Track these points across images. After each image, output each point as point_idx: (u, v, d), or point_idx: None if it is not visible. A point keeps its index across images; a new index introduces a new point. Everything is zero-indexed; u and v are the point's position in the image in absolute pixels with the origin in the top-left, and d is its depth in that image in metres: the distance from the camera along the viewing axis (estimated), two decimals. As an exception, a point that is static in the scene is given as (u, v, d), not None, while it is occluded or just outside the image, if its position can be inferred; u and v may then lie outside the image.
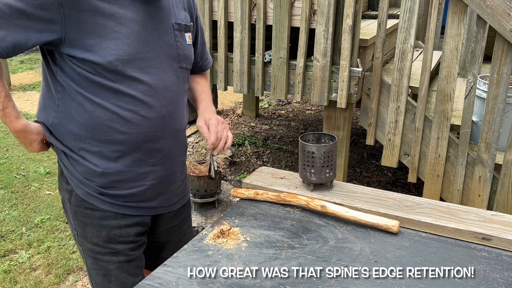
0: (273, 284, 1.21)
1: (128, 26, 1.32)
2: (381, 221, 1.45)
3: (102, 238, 1.48)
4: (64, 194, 1.50)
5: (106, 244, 1.49)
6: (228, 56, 3.02)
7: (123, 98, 1.36)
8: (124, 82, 1.34)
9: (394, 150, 2.75)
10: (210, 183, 2.11)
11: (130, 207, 1.49)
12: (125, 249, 1.51)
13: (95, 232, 1.48)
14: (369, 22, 3.53)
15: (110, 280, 1.52)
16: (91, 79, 1.31)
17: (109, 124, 1.37)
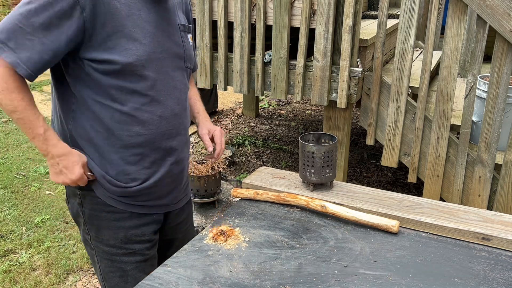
0: (273, 284, 1.21)
1: (143, 27, 1.34)
2: (381, 221, 1.45)
3: (120, 239, 1.50)
4: (75, 200, 1.49)
5: (124, 245, 1.51)
6: (228, 56, 3.02)
7: (140, 100, 1.38)
8: (142, 83, 1.37)
9: (394, 150, 2.75)
10: (210, 183, 2.12)
11: (146, 206, 1.51)
12: (142, 248, 1.53)
13: (112, 234, 1.49)
14: (369, 22, 3.53)
15: (127, 281, 1.54)
16: (109, 83, 1.32)
17: (128, 128, 1.38)
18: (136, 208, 1.49)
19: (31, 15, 1.20)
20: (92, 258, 1.57)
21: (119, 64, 1.30)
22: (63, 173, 1.36)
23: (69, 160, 1.36)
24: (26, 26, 1.20)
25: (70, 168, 1.36)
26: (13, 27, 1.20)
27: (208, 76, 3.08)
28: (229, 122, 5.25)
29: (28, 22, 1.20)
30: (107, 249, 1.51)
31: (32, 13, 1.20)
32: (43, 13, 1.21)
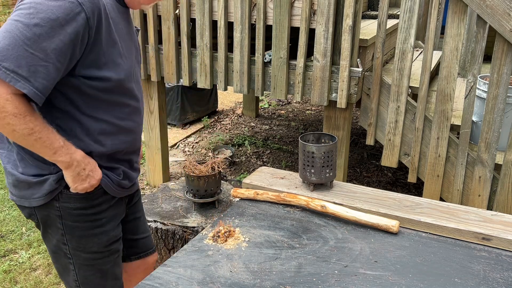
0: (273, 284, 1.21)
1: (125, 40, 1.41)
2: (381, 221, 1.45)
3: (103, 244, 1.53)
4: (50, 213, 1.46)
5: (105, 248, 1.54)
6: (228, 56, 3.02)
7: (124, 110, 1.45)
8: (126, 95, 1.44)
9: (394, 150, 2.75)
10: (210, 183, 2.12)
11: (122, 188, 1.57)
12: (117, 246, 1.60)
13: (96, 241, 1.51)
14: (369, 22, 3.53)
15: (107, 278, 1.58)
16: (97, 97, 1.35)
17: (115, 137, 1.45)
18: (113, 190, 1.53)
19: (43, 39, 1.16)
20: (65, 267, 1.55)
21: (112, 81, 1.34)
22: (89, 176, 1.38)
23: (92, 162, 1.39)
24: (38, 51, 1.16)
25: (95, 170, 1.40)
26: (22, 53, 1.15)
27: (208, 76, 3.08)
28: (229, 122, 5.25)
29: (39, 47, 1.16)
30: (88, 256, 1.52)
31: (43, 37, 1.16)
32: (55, 37, 1.18)
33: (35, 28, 1.15)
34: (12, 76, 1.15)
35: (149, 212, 2.29)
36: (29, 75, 1.17)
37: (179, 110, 4.83)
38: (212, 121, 5.21)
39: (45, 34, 1.16)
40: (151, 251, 1.87)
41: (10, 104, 1.17)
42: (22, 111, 1.20)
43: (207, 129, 5.02)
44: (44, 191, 1.41)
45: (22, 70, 1.15)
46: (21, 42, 1.15)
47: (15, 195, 1.46)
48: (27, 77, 1.16)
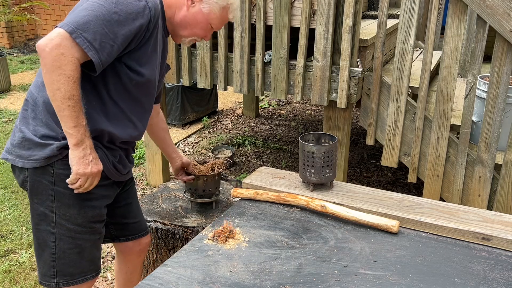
0: (273, 284, 1.21)
1: (156, 56, 1.60)
2: (381, 221, 1.45)
3: (88, 218, 1.60)
4: (44, 178, 1.54)
5: (89, 224, 1.61)
6: (228, 56, 3.02)
7: (140, 109, 1.64)
8: (147, 96, 1.64)
9: (394, 150, 2.75)
10: (209, 183, 2.12)
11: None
12: (100, 227, 1.66)
13: (82, 213, 1.58)
14: (369, 22, 3.53)
15: (83, 257, 1.64)
16: (127, 86, 1.54)
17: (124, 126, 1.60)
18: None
19: (117, 25, 1.39)
20: (44, 240, 1.60)
21: (145, 77, 1.55)
22: (93, 162, 1.48)
23: (96, 153, 1.51)
24: (111, 32, 1.39)
25: (98, 159, 1.51)
26: (100, 30, 1.37)
27: (208, 76, 3.08)
28: (229, 122, 5.25)
29: (113, 29, 1.39)
30: (72, 227, 1.58)
31: (118, 23, 1.40)
32: (126, 26, 1.41)
33: (114, 15, 1.39)
34: (88, 45, 1.36)
35: (149, 212, 2.29)
36: (100, 48, 1.38)
37: (179, 110, 4.82)
38: (212, 121, 5.21)
39: (120, 21, 1.40)
40: (144, 233, 1.96)
41: (71, 66, 1.36)
42: (76, 77, 1.38)
43: (207, 129, 5.02)
44: (44, 154, 1.50)
45: (96, 43, 1.37)
46: (101, 21, 1.37)
47: (12, 153, 1.55)
48: (98, 49, 1.38)
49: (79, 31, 1.35)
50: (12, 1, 7.72)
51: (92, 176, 1.49)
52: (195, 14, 1.60)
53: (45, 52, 1.35)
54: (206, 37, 1.70)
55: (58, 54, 1.34)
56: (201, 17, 1.61)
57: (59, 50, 1.34)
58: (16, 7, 7.03)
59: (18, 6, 7.14)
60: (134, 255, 1.98)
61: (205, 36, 1.70)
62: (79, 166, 1.46)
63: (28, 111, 1.55)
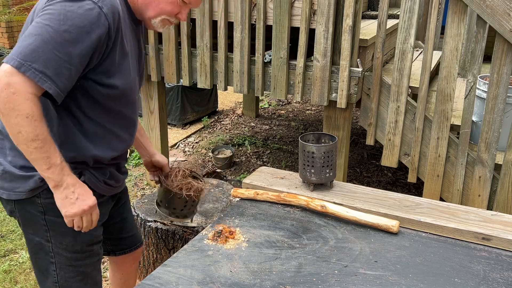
0: (273, 284, 1.21)
1: (131, 59, 1.45)
2: (381, 221, 1.45)
3: (85, 242, 1.52)
4: (33, 209, 1.45)
5: (87, 248, 1.53)
6: (228, 56, 3.02)
7: (123, 120, 1.51)
8: (128, 106, 1.50)
9: (394, 150, 2.75)
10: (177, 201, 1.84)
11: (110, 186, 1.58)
12: (98, 248, 1.59)
13: (79, 239, 1.49)
14: (369, 22, 3.53)
15: (87, 283, 1.57)
16: (101, 102, 1.40)
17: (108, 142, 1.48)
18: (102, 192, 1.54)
19: (69, 45, 1.23)
20: (45, 269, 1.52)
21: (118, 89, 1.40)
22: (79, 200, 1.35)
23: (83, 187, 1.38)
24: (64, 55, 1.23)
25: (86, 194, 1.37)
26: (51, 56, 1.21)
27: (208, 76, 3.08)
28: (229, 122, 5.25)
29: (66, 51, 1.23)
30: (71, 255, 1.51)
31: (71, 42, 1.23)
32: (80, 43, 1.25)
33: (65, 34, 1.22)
34: (40, 76, 1.21)
35: (149, 212, 2.29)
36: (55, 76, 1.23)
37: (179, 110, 4.83)
38: (212, 121, 5.21)
39: (72, 39, 1.23)
40: (139, 244, 1.92)
41: (28, 104, 1.21)
42: (35, 114, 1.23)
43: (207, 129, 5.02)
44: (27, 187, 1.40)
45: (49, 71, 1.22)
46: (51, 46, 1.21)
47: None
48: (52, 77, 1.23)
49: (27, 63, 1.19)
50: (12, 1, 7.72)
51: (84, 213, 1.37)
52: None
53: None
54: (180, 14, 1.45)
55: (9, 94, 1.19)
56: None
57: (9, 90, 1.19)
58: (16, 7, 7.04)
59: (18, 6, 7.14)
60: (128, 264, 1.94)
61: (179, 13, 1.45)
62: (65, 209, 1.35)
63: (4, 141, 1.43)
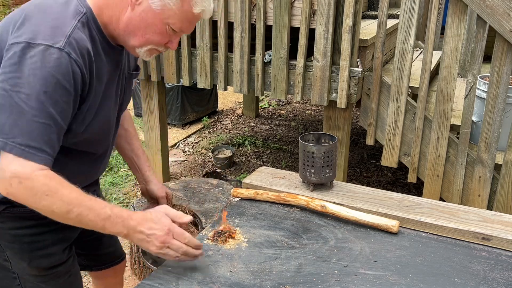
0: (273, 284, 1.21)
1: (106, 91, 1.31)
2: (381, 221, 1.45)
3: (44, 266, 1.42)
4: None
5: (48, 271, 1.43)
6: (228, 56, 3.02)
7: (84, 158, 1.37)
8: (93, 146, 1.37)
9: (394, 150, 2.75)
10: None
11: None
12: (64, 269, 1.47)
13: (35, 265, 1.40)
14: (369, 22, 3.53)
15: None
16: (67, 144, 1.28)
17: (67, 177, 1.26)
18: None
19: (48, 105, 1.10)
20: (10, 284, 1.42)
21: (80, 136, 1.28)
22: (153, 236, 1.19)
23: (146, 222, 1.20)
24: (47, 119, 1.11)
25: (154, 226, 1.20)
26: (33, 126, 1.09)
27: (208, 76, 3.08)
28: (229, 122, 5.25)
29: (47, 114, 1.11)
30: (32, 278, 1.41)
31: (48, 103, 1.10)
32: (59, 100, 1.12)
33: (39, 96, 1.09)
34: (28, 151, 1.10)
35: (149, 212, 2.29)
36: (43, 145, 1.12)
37: (179, 110, 4.83)
38: (212, 121, 5.21)
39: (49, 100, 1.10)
40: (119, 260, 1.80)
41: (37, 183, 1.11)
42: (54, 187, 1.12)
43: (207, 129, 5.02)
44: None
45: (35, 142, 1.10)
46: (29, 114, 1.09)
47: None
48: (41, 148, 1.11)
49: (9, 140, 1.08)
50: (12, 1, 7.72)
51: (165, 245, 1.19)
52: (143, 14, 1.19)
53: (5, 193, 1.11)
54: (171, 43, 1.27)
55: (17, 185, 1.10)
56: (152, 17, 1.19)
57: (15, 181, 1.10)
58: (16, 7, 7.03)
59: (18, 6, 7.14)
60: (110, 278, 1.83)
61: (168, 43, 1.27)
62: (148, 249, 1.21)
63: None
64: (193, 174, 3.99)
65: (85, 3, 1.20)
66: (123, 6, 1.21)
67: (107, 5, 1.22)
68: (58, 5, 1.18)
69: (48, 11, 1.16)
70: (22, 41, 1.11)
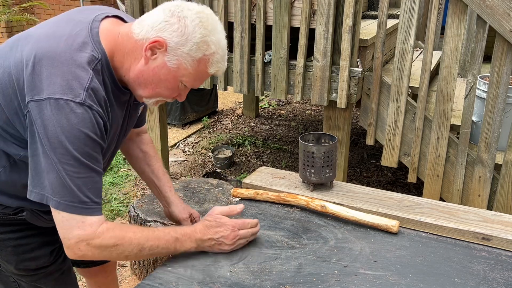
0: (273, 284, 1.21)
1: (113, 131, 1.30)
2: (381, 221, 1.45)
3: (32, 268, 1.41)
4: None
5: (37, 271, 1.43)
6: (228, 56, 3.02)
7: None
8: None
9: (394, 150, 2.75)
10: None
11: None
12: (54, 268, 1.47)
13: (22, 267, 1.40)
14: (369, 22, 3.53)
15: None
16: None
17: None
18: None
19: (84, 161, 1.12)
20: (6, 283, 1.43)
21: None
22: (222, 238, 1.30)
23: (211, 227, 1.31)
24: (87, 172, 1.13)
25: (219, 229, 1.31)
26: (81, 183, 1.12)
27: (208, 76, 3.08)
28: (229, 122, 5.25)
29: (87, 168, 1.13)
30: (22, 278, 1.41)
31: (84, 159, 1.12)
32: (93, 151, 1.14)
33: (73, 153, 1.10)
34: (79, 206, 1.13)
35: (149, 212, 2.29)
36: (93, 196, 1.15)
37: (179, 110, 4.83)
38: (212, 121, 5.21)
39: (83, 154, 1.12)
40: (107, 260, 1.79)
41: (104, 239, 1.15)
42: (118, 236, 1.17)
43: (207, 129, 5.02)
44: None
45: (84, 196, 1.13)
46: (70, 173, 1.11)
47: None
48: (92, 199, 1.14)
49: (64, 199, 1.11)
50: (12, 1, 7.72)
51: (236, 241, 1.32)
52: (157, 70, 1.17)
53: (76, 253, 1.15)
54: (179, 96, 1.26)
55: (85, 247, 1.14)
56: (165, 74, 1.18)
57: (82, 244, 1.14)
58: (16, 7, 7.03)
59: (18, 6, 7.14)
60: (100, 276, 1.83)
61: (178, 96, 1.26)
62: (224, 249, 1.32)
63: None
64: (193, 174, 3.99)
65: (100, 47, 1.17)
66: (136, 56, 1.19)
67: (119, 50, 1.20)
68: (73, 51, 1.14)
69: (64, 58, 1.12)
70: (42, 98, 1.09)
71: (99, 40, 1.17)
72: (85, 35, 1.16)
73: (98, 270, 1.81)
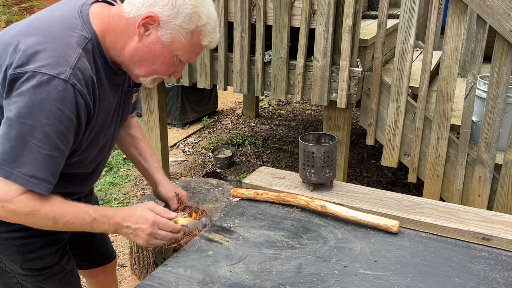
0: (273, 284, 1.21)
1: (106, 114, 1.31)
2: (381, 221, 1.45)
3: (37, 267, 1.43)
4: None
5: (42, 271, 1.44)
6: (228, 56, 3.02)
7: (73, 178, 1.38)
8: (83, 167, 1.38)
9: (394, 150, 2.75)
10: None
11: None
12: (58, 268, 1.48)
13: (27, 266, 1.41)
14: (369, 22, 3.53)
15: None
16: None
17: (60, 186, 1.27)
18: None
19: (53, 137, 1.11)
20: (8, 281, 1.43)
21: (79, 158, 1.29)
22: (138, 229, 1.28)
23: (132, 216, 1.28)
24: (52, 150, 1.12)
25: (139, 220, 1.28)
26: (39, 157, 1.11)
27: (208, 76, 3.08)
28: (229, 122, 5.25)
29: (52, 146, 1.12)
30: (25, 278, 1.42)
31: (54, 134, 1.11)
32: (64, 131, 1.13)
33: (45, 128, 1.10)
34: (32, 181, 1.12)
35: (149, 212, 2.29)
36: (48, 175, 1.14)
37: (179, 110, 4.83)
38: (212, 121, 5.21)
39: (55, 132, 1.11)
40: (110, 260, 1.83)
41: (18, 206, 1.14)
42: (34, 207, 1.15)
43: (207, 129, 5.02)
44: None
45: (41, 173, 1.12)
46: (35, 146, 1.10)
47: None
48: (46, 178, 1.14)
49: (15, 170, 1.10)
50: (12, 1, 7.72)
51: (152, 237, 1.29)
52: (151, 46, 1.18)
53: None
54: (175, 73, 1.27)
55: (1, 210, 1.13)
56: (160, 49, 1.19)
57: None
58: (16, 7, 7.03)
59: (18, 6, 7.14)
60: (101, 277, 1.85)
61: (173, 72, 1.27)
62: (136, 242, 1.31)
63: None
64: (193, 174, 3.99)
65: (90, 28, 1.17)
66: (129, 34, 1.19)
67: (110, 30, 1.20)
68: (63, 30, 1.15)
69: (53, 36, 1.13)
70: (27, 70, 1.09)
71: (89, 21, 1.18)
72: (75, 16, 1.17)
73: (99, 271, 1.83)
